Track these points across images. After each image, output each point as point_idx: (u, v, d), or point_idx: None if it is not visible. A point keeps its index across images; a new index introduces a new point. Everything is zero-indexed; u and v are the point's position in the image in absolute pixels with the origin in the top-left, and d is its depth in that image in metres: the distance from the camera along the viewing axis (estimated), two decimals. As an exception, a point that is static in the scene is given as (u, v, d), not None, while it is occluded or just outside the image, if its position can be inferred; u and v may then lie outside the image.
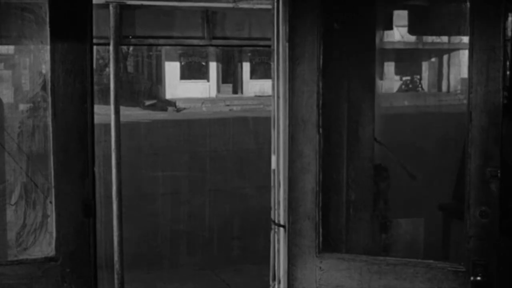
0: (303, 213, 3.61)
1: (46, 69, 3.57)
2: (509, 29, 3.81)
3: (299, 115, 3.60)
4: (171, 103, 33.52)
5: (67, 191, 3.52)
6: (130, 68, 41.38)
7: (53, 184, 3.52)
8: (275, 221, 3.77)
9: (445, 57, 33.65)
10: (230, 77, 38.80)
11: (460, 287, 3.38)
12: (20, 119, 4.03)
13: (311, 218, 3.60)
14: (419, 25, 4.82)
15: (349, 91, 4.14)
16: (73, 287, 3.55)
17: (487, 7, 3.27)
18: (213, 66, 38.06)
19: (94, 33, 3.61)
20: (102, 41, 5.62)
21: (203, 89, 36.98)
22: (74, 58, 3.49)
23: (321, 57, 3.57)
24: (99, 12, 5.25)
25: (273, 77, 3.78)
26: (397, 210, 4.53)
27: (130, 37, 5.81)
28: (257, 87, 37.46)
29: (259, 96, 35.04)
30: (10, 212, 4.00)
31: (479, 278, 3.31)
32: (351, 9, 4.04)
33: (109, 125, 5.55)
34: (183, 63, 37.74)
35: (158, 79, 38.46)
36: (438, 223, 4.71)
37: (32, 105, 3.99)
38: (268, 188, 3.98)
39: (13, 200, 3.99)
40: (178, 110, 32.05)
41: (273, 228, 3.82)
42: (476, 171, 3.32)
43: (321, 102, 3.58)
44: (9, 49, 4.25)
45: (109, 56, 5.72)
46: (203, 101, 33.86)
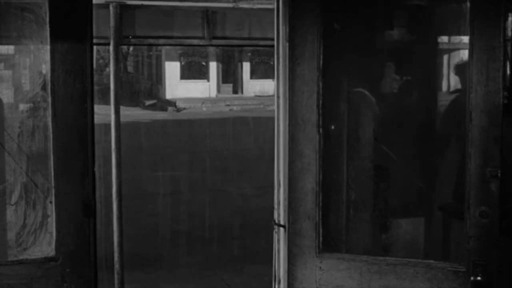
0: (303, 213, 3.61)
1: (46, 69, 3.57)
2: (509, 29, 3.81)
3: (299, 115, 3.59)
4: (171, 103, 33.53)
5: (67, 191, 3.52)
6: (130, 68, 41.40)
7: (53, 184, 3.52)
8: (275, 221, 3.77)
9: (445, 57, 33.67)
10: (230, 77, 38.81)
11: (460, 287, 3.38)
12: (20, 119, 4.02)
13: (311, 218, 3.60)
14: (419, 25, 4.81)
15: (349, 91, 4.14)
16: (73, 287, 3.55)
17: (487, 7, 3.27)
18: (213, 66, 38.07)
19: (94, 33, 3.61)
20: (102, 41, 5.63)
21: (203, 89, 36.98)
22: (74, 58, 3.49)
23: (321, 57, 3.57)
24: (99, 12, 5.25)
25: (275, 77, 3.79)
26: (397, 210, 4.52)
27: (130, 37, 5.81)
28: (257, 87, 37.48)
29: (259, 96, 35.07)
30: (10, 212, 3.99)
31: (479, 278, 3.31)
32: (351, 9, 4.04)
33: (109, 125, 5.55)
34: (183, 63, 37.74)
35: (158, 79, 38.47)
36: (438, 223, 4.71)
37: (32, 105, 3.98)
38: (268, 188, 3.98)
39: (13, 200, 3.98)
40: (178, 110, 32.05)
41: (274, 228, 3.82)
42: (476, 171, 3.32)
43: (321, 102, 3.58)
44: (9, 49, 4.24)
45: (109, 56, 5.73)
46: (203, 101, 33.86)
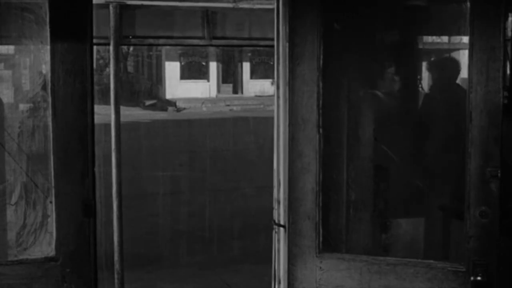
0: (303, 213, 3.61)
1: (46, 69, 3.57)
2: (509, 29, 3.81)
3: (299, 115, 3.59)
4: (171, 103, 33.53)
5: (67, 191, 3.52)
6: (130, 68, 41.41)
7: (53, 184, 3.52)
8: (275, 221, 3.77)
9: (445, 57, 33.59)
10: (230, 77, 38.82)
11: (460, 287, 3.38)
12: (20, 119, 4.02)
13: (311, 218, 3.60)
14: (419, 25, 4.81)
15: (349, 91, 4.14)
16: (73, 287, 3.55)
17: (487, 7, 3.27)
18: (213, 66, 38.07)
19: (94, 33, 3.61)
20: (102, 41, 5.63)
21: (203, 89, 36.98)
22: (74, 58, 3.49)
23: (321, 57, 3.57)
24: (99, 12, 5.25)
25: (275, 77, 3.79)
26: (397, 210, 4.52)
27: (130, 37, 5.81)
28: (257, 87, 37.48)
29: (259, 96, 35.07)
30: (10, 212, 3.99)
31: (479, 278, 3.31)
32: (351, 9, 4.04)
33: (109, 125, 5.55)
34: (183, 63, 37.75)
35: (158, 79, 38.47)
36: (438, 223, 4.71)
37: (32, 105, 3.98)
38: (268, 188, 3.98)
39: (13, 200, 3.98)
40: (178, 110, 32.05)
41: (273, 228, 3.82)
42: (476, 171, 3.32)
43: (321, 102, 3.58)
44: (9, 49, 4.24)
45: (109, 56, 5.73)
46: (203, 101, 33.87)
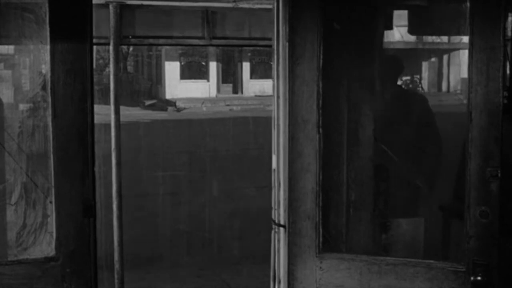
0: (303, 213, 3.61)
1: (46, 69, 3.57)
2: (509, 29, 3.81)
3: (299, 115, 3.59)
4: (171, 103, 33.54)
5: (67, 191, 3.52)
6: (130, 68, 41.43)
7: (53, 184, 3.52)
8: (275, 221, 3.77)
9: (445, 57, 33.65)
10: (230, 77, 38.82)
11: (460, 287, 3.38)
12: (20, 119, 4.03)
13: (311, 218, 3.60)
14: (419, 25, 4.82)
15: (349, 91, 4.14)
16: (73, 287, 3.54)
17: (487, 7, 3.26)
18: (213, 66, 38.08)
19: (94, 33, 3.61)
20: (102, 41, 5.62)
21: (203, 89, 36.99)
22: (74, 58, 3.49)
23: (321, 57, 3.57)
24: (99, 12, 5.25)
25: (273, 77, 3.78)
26: (397, 210, 4.53)
27: (130, 37, 5.80)
28: (257, 87, 37.48)
29: (259, 96, 35.07)
30: (10, 212, 4.00)
31: (479, 278, 3.31)
32: (351, 9, 4.04)
33: (109, 125, 5.55)
34: (183, 63, 37.76)
35: (158, 79, 38.48)
36: (438, 223, 4.71)
37: (32, 105, 3.98)
38: (268, 188, 3.97)
39: (13, 200, 3.98)
40: (178, 110, 32.06)
41: (273, 228, 3.82)
42: (476, 171, 3.32)
43: (321, 102, 3.58)
44: (9, 49, 4.25)
45: (109, 56, 5.72)
46: (203, 101, 33.87)
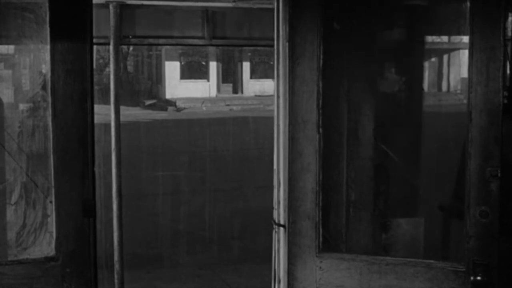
0: (303, 213, 3.61)
1: (46, 69, 3.57)
2: (509, 29, 3.81)
3: (299, 115, 3.59)
4: (171, 103, 33.54)
5: (67, 191, 3.52)
6: (130, 68, 41.41)
7: (53, 184, 3.52)
8: (275, 220, 3.77)
9: (445, 57, 33.66)
10: (230, 77, 38.82)
11: (460, 287, 3.38)
12: (20, 119, 4.03)
13: (311, 218, 3.60)
14: (419, 25, 4.81)
15: (349, 91, 4.14)
16: (73, 287, 3.54)
17: (487, 7, 3.26)
18: (213, 66, 38.08)
19: (94, 33, 3.61)
20: (102, 41, 5.62)
21: (203, 88, 36.99)
22: (74, 58, 3.49)
23: (321, 57, 3.57)
24: (99, 12, 5.25)
25: (275, 77, 3.79)
26: (397, 210, 4.52)
27: (130, 37, 5.80)
28: (257, 87, 37.49)
29: (259, 96, 35.07)
30: (10, 212, 4.00)
31: (479, 278, 3.31)
32: (351, 9, 4.04)
33: (109, 125, 5.55)
34: (183, 62, 37.76)
35: (158, 79, 38.48)
36: (438, 223, 4.71)
37: (32, 105, 3.98)
38: (268, 188, 3.98)
39: (13, 200, 3.98)
40: (178, 110, 32.06)
41: (273, 228, 3.82)
42: (476, 170, 3.32)
43: (321, 102, 3.58)
44: (9, 49, 4.25)
45: (109, 56, 5.72)
46: (203, 100, 33.87)
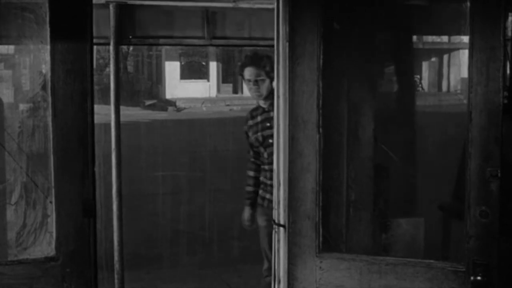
0: (303, 212, 3.61)
1: (46, 69, 3.57)
2: (509, 29, 3.81)
3: (299, 115, 3.60)
4: (171, 103, 33.56)
5: (67, 191, 3.52)
6: (130, 68, 41.43)
7: (53, 184, 3.52)
8: (275, 220, 3.78)
9: (445, 57, 33.67)
10: (230, 77, 38.83)
11: (460, 287, 3.38)
12: (20, 119, 4.03)
13: (311, 217, 3.60)
14: (419, 25, 4.82)
15: (349, 91, 4.14)
16: (73, 287, 3.54)
17: (487, 7, 3.27)
18: (213, 66, 38.11)
19: (94, 33, 3.61)
20: (102, 41, 5.62)
21: (203, 89, 37.02)
22: (74, 58, 3.49)
23: (321, 57, 3.57)
24: (99, 12, 5.24)
25: (275, 77, 3.79)
26: (397, 210, 4.53)
27: (130, 37, 5.80)
28: (257, 87, 37.40)
29: (259, 96, 35.01)
30: (10, 212, 4.00)
31: (479, 278, 3.31)
32: (351, 9, 4.04)
33: (109, 125, 5.54)
34: (183, 62, 37.79)
35: (158, 79, 38.50)
36: (438, 223, 4.71)
37: (32, 105, 3.99)
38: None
39: (13, 200, 3.99)
40: (178, 110, 32.07)
41: (274, 228, 3.82)
42: (476, 170, 3.32)
43: (321, 102, 3.58)
44: (9, 49, 4.25)
45: (109, 56, 5.72)
46: (203, 101, 33.88)
